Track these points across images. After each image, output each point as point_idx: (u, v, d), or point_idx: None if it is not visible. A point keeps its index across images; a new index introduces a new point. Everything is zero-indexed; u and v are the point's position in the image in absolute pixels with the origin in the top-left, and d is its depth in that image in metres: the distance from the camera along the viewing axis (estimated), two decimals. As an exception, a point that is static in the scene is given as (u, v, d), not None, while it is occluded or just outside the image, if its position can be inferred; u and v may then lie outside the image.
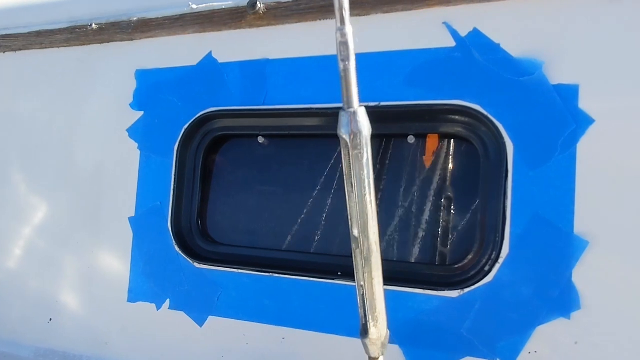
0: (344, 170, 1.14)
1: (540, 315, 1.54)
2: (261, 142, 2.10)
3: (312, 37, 1.93)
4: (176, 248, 2.06)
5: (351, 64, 1.10)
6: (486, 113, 1.66)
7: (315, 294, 1.83)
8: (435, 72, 1.73)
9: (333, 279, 1.81)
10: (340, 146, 1.14)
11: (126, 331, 2.15)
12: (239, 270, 1.95)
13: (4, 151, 2.51)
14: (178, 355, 2.03)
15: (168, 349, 2.06)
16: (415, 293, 1.68)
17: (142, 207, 2.15)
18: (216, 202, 2.16)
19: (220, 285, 1.97)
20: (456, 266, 1.72)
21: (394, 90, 1.78)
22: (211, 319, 1.98)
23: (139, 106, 2.21)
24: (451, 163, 1.84)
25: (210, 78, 2.08)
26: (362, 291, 1.20)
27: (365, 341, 1.24)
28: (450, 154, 1.84)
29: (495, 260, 1.61)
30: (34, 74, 2.50)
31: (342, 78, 1.11)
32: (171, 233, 2.08)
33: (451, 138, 1.83)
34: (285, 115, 1.98)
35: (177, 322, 2.03)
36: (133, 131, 2.21)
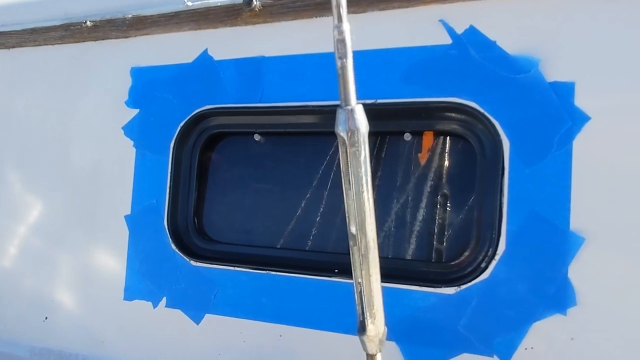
0: (342, 167, 1.14)
1: (536, 311, 1.55)
2: (257, 140, 2.10)
3: (308, 35, 1.92)
4: (172, 246, 2.06)
5: (348, 62, 1.09)
6: (482, 110, 1.66)
7: (312, 292, 1.83)
8: (431, 70, 1.74)
9: (330, 277, 1.81)
10: (336, 143, 1.14)
11: (122, 329, 2.14)
12: (236, 268, 1.95)
13: (-2, 149, 2.50)
14: (175, 353, 2.03)
15: (165, 347, 2.05)
16: (412, 290, 1.69)
17: (138, 205, 2.14)
18: (212, 200, 2.16)
19: (216, 283, 1.97)
20: (453, 263, 1.72)
21: (390, 87, 1.78)
22: (208, 317, 1.98)
23: (135, 104, 2.20)
24: (447, 160, 1.84)
25: (206, 75, 2.07)
26: (360, 288, 1.20)
27: (363, 338, 1.24)
28: (446, 152, 1.84)
29: (491, 257, 1.61)
30: (28, 72, 2.48)
31: (340, 75, 1.11)
32: (167, 231, 2.07)
33: (447, 135, 1.83)
34: (281, 112, 1.98)
35: (174, 320, 2.03)
36: (128, 129, 2.20)
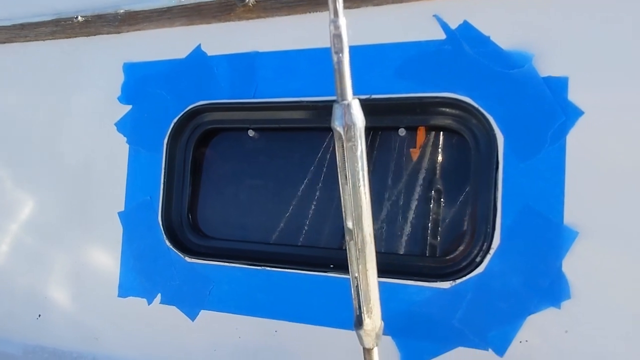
0: (338, 162, 1.14)
1: (530, 305, 1.56)
2: (251, 136, 2.09)
3: (302, 30, 1.92)
4: (167, 242, 2.05)
5: (345, 56, 1.09)
6: (477, 105, 1.67)
7: (307, 287, 1.84)
8: (425, 65, 1.74)
9: (325, 272, 1.81)
10: (331, 138, 1.13)
11: (117, 326, 2.13)
12: (231, 264, 1.95)
13: (-11, 147, 2.47)
14: (170, 349, 2.03)
15: (160, 344, 2.05)
16: (407, 284, 1.70)
17: (132, 202, 2.13)
18: (207, 196, 2.15)
19: (211, 279, 1.97)
20: (448, 257, 1.73)
21: (385, 82, 1.78)
22: (203, 313, 1.98)
23: (127, 100, 2.19)
24: (442, 155, 1.85)
25: (199, 71, 2.06)
26: (357, 282, 1.20)
27: (359, 332, 1.24)
28: (441, 147, 1.85)
29: (486, 251, 1.62)
30: (18, 68, 2.45)
31: (336, 70, 1.10)
32: (162, 227, 2.06)
33: (442, 130, 1.84)
34: (275, 108, 1.97)
35: (169, 317, 2.02)
36: (121, 125, 2.18)
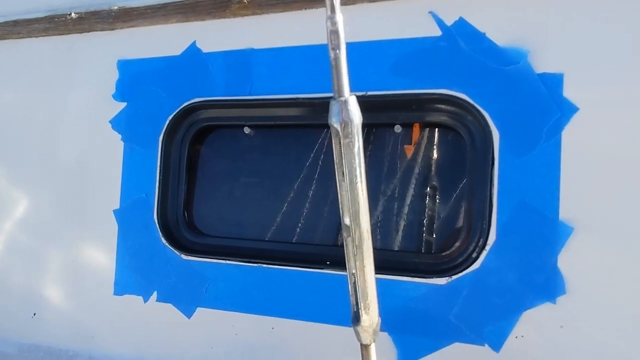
0: (335, 159, 1.14)
1: (526, 300, 1.57)
2: (247, 133, 2.09)
3: (298, 27, 1.91)
4: (162, 240, 2.04)
5: (342, 53, 1.09)
6: (472, 102, 1.67)
7: (303, 284, 1.84)
8: (421, 62, 1.74)
9: (321, 269, 1.81)
10: (326, 135, 1.13)
11: (113, 324, 2.13)
12: (227, 261, 1.94)
13: (-17, 145, 2.45)
14: (166, 347, 2.02)
15: (156, 341, 2.04)
16: (404, 281, 1.70)
17: (127, 199, 2.13)
18: (202, 194, 2.14)
19: (208, 276, 1.96)
20: (444, 254, 1.74)
21: (381, 79, 1.78)
22: (200, 310, 1.97)
23: (122, 97, 2.18)
24: (438, 152, 1.85)
25: (194, 68, 2.06)
26: (354, 279, 1.20)
27: (357, 328, 1.24)
28: (436, 143, 1.85)
29: (482, 247, 1.63)
30: (11, 65, 2.44)
31: (333, 67, 1.10)
32: (157, 225, 2.06)
33: (438, 127, 1.84)
34: (271, 105, 1.97)
35: (165, 315, 2.02)
36: (116, 122, 2.17)
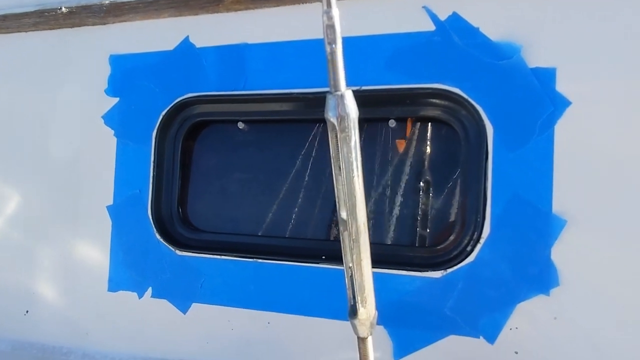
0: (332, 153, 1.14)
1: (520, 292, 1.59)
2: (241, 128, 2.08)
3: (292, 21, 1.91)
4: (157, 236, 2.04)
5: (338, 47, 1.09)
6: (466, 96, 1.68)
7: (299, 278, 1.84)
8: (415, 56, 1.75)
9: (317, 263, 1.82)
10: (319, 130, 1.13)
11: (107, 321, 2.12)
12: (222, 256, 1.94)
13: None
14: (162, 343, 2.02)
15: (151, 338, 2.04)
16: (399, 275, 1.71)
17: (121, 195, 2.11)
18: (197, 189, 2.14)
19: (203, 272, 1.96)
20: (439, 247, 1.75)
21: (375, 74, 1.78)
22: (195, 306, 1.97)
23: (114, 92, 2.16)
24: (432, 146, 1.86)
25: (187, 63, 2.05)
26: (351, 272, 1.21)
27: (354, 322, 1.25)
28: (431, 138, 1.86)
29: (476, 240, 1.64)
30: (1, 61, 2.41)
31: (329, 61, 1.10)
32: (151, 221, 2.05)
33: (432, 121, 1.85)
34: (265, 100, 1.96)
35: (160, 310, 2.01)
36: (109, 118, 2.16)
